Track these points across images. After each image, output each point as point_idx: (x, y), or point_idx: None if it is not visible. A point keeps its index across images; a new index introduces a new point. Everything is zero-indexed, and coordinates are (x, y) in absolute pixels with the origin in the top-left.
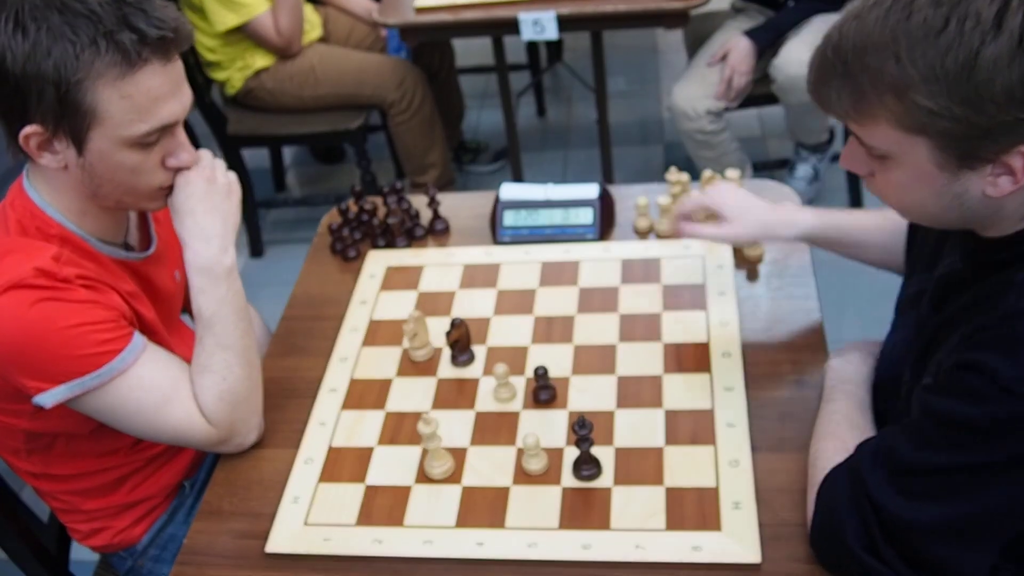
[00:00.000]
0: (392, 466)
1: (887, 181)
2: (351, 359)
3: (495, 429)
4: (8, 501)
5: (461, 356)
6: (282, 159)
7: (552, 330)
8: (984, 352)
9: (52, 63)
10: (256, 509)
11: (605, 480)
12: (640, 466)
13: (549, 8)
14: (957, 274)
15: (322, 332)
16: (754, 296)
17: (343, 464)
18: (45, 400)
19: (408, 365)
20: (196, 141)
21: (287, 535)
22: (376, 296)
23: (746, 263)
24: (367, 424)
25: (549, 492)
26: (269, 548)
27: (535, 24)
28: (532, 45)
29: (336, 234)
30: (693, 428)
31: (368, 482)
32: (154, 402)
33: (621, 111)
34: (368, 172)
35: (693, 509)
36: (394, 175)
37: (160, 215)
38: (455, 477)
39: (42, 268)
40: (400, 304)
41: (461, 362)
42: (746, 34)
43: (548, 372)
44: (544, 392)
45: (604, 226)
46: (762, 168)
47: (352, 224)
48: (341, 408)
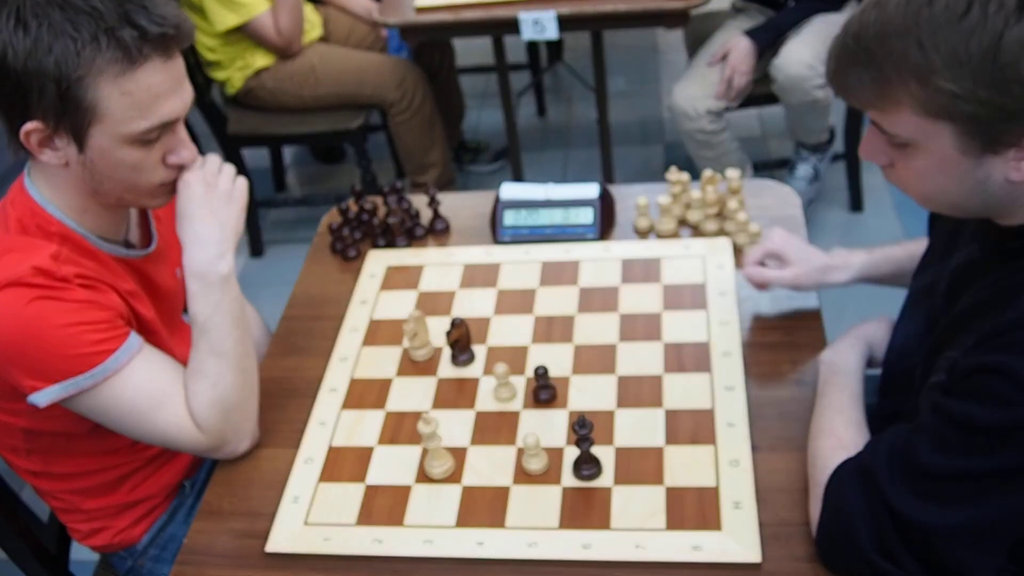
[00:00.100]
0: (392, 466)
1: (909, 169)
2: (351, 359)
3: (495, 429)
4: (8, 501)
5: (461, 356)
6: (282, 159)
7: (552, 330)
8: (1004, 355)
9: (53, 59)
10: (256, 509)
11: (605, 480)
12: (640, 466)
13: (549, 8)
14: (975, 264)
15: (322, 332)
16: (754, 296)
17: (343, 464)
18: (39, 399)
19: (408, 365)
20: (196, 141)
21: (287, 535)
22: (376, 296)
23: None
24: (367, 424)
25: (549, 492)
26: (269, 548)
27: (535, 24)
28: (532, 45)
29: (336, 234)
30: (693, 428)
31: (368, 482)
32: (146, 405)
33: (621, 111)
34: (368, 172)
35: (693, 509)
36: (394, 175)
37: (161, 212)
38: (455, 477)
39: (40, 267)
40: (400, 304)
41: (461, 362)
42: (746, 34)
43: (548, 372)
44: (544, 392)
45: (604, 226)
46: (762, 168)
47: (352, 224)
48: (341, 408)
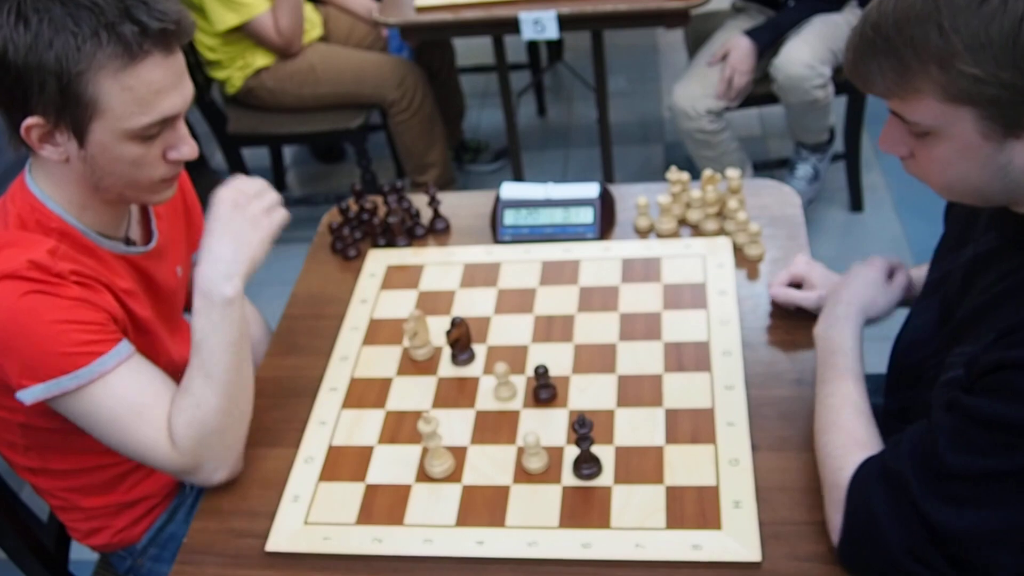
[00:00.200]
0: (392, 465)
1: (930, 158)
2: (351, 358)
3: (495, 428)
4: (8, 500)
5: (461, 355)
6: (282, 158)
7: (552, 329)
8: None
9: (54, 54)
10: (256, 508)
11: (605, 479)
12: (640, 465)
13: (549, 7)
14: (991, 253)
15: (322, 331)
16: (754, 295)
17: (343, 463)
18: (26, 397)
19: (408, 364)
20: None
21: (287, 534)
22: (376, 295)
23: (746, 262)
24: (367, 423)
25: (549, 491)
26: (269, 547)
27: (535, 23)
28: (532, 44)
29: (336, 233)
30: (693, 427)
31: (368, 481)
32: (127, 414)
33: (621, 110)
34: (368, 171)
35: (693, 508)
36: (394, 174)
37: (161, 210)
38: (455, 476)
39: (36, 261)
40: (400, 303)
41: (461, 361)
42: (746, 34)
43: (548, 371)
44: (544, 391)
45: (604, 225)
46: (762, 168)
47: (352, 223)
48: (341, 407)
